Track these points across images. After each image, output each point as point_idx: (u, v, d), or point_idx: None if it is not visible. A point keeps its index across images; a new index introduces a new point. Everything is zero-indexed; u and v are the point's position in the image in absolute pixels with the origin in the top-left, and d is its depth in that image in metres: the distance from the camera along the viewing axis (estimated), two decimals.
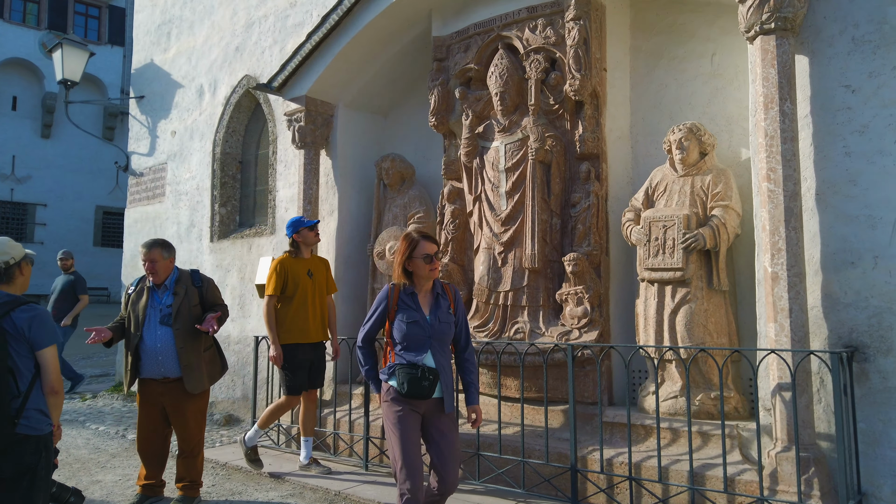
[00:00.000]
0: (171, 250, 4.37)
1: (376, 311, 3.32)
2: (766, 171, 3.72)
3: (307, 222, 5.08)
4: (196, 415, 4.42)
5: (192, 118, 8.40)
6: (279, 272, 4.94)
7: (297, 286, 4.95)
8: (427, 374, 3.12)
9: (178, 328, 4.24)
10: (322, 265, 5.22)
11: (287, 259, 5.02)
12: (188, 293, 4.33)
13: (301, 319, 4.97)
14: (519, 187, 5.17)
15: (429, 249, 3.23)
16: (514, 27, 5.30)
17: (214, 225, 7.88)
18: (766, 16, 3.73)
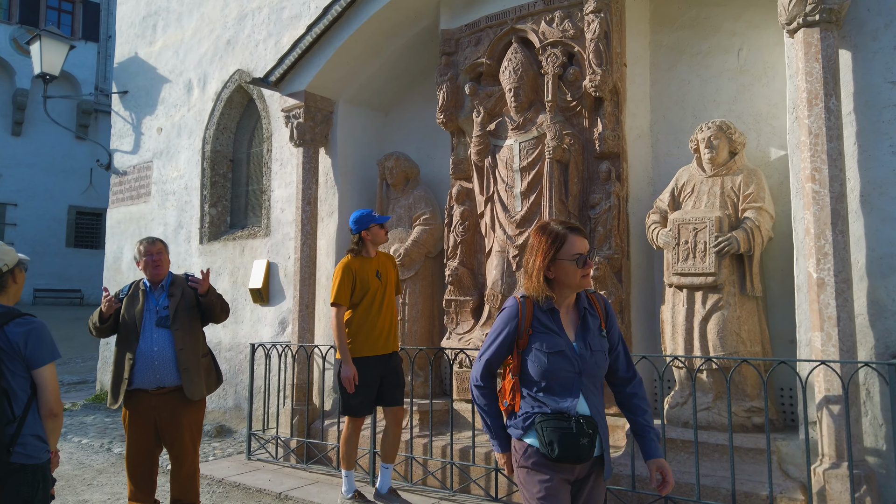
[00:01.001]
0: (168, 248, 4.12)
1: (500, 335, 2.28)
2: (811, 171, 3.52)
3: (378, 218, 4.43)
4: (193, 428, 4.09)
5: (180, 114, 8.03)
6: (346, 276, 4.28)
7: (367, 290, 4.32)
8: (585, 428, 2.16)
9: (178, 329, 3.94)
10: (390, 263, 4.55)
11: (353, 260, 4.35)
12: (185, 294, 4.04)
13: (369, 328, 4.31)
14: (535, 188, 4.93)
15: (581, 247, 2.23)
16: (528, 20, 5.06)
17: (204, 226, 7.52)
18: (809, 7, 3.53)
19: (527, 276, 2.27)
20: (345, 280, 4.26)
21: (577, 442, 2.13)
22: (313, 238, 6.05)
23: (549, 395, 2.20)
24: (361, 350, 4.29)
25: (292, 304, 6.13)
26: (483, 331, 5.08)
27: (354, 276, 4.30)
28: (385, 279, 4.41)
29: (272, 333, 6.71)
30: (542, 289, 2.22)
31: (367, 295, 4.31)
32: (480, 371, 2.31)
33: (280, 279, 6.69)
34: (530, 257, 2.26)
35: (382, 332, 4.35)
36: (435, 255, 5.79)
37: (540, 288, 2.22)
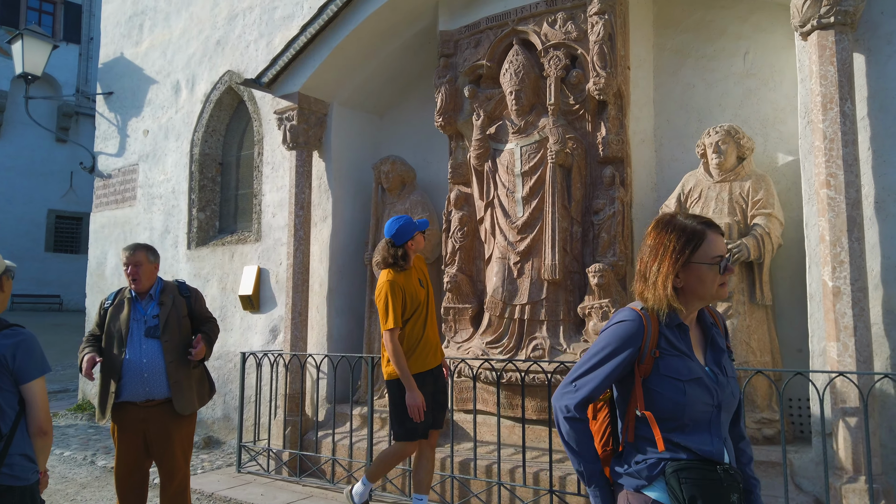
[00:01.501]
0: (156, 255, 3.88)
1: (616, 357, 1.75)
2: (826, 176, 3.44)
3: (420, 224, 4.00)
4: (183, 442, 3.90)
5: (168, 116, 7.83)
6: (398, 296, 3.84)
7: (417, 305, 3.94)
8: (735, 480, 1.67)
9: (168, 340, 3.75)
10: (422, 263, 4.21)
11: (398, 276, 3.90)
12: (176, 303, 3.85)
13: (422, 341, 3.95)
14: (537, 192, 4.81)
15: (722, 248, 1.76)
16: (530, 21, 4.95)
17: (192, 231, 7.32)
18: (824, 9, 3.46)
19: (646, 283, 1.77)
20: (397, 300, 3.83)
21: (726, 499, 1.62)
22: (306, 244, 5.89)
23: (684, 434, 1.68)
24: (416, 366, 3.90)
25: (284, 311, 5.96)
26: (483, 339, 4.95)
27: (404, 294, 3.88)
28: (427, 285, 4.09)
29: (263, 341, 6.52)
30: (671, 299, 1.73)
31: (416, 307, 3.93)
32: (578, 400, 1.76)
33: (271, 286, 6.51)
34: (651, 260, 1.77)
35: (432, 343, 4.01)
36: (432, 262, 5.65)
37: (667, 299, 1.72)
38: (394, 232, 3.94)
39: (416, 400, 3.78)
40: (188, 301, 3.91)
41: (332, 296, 6.01)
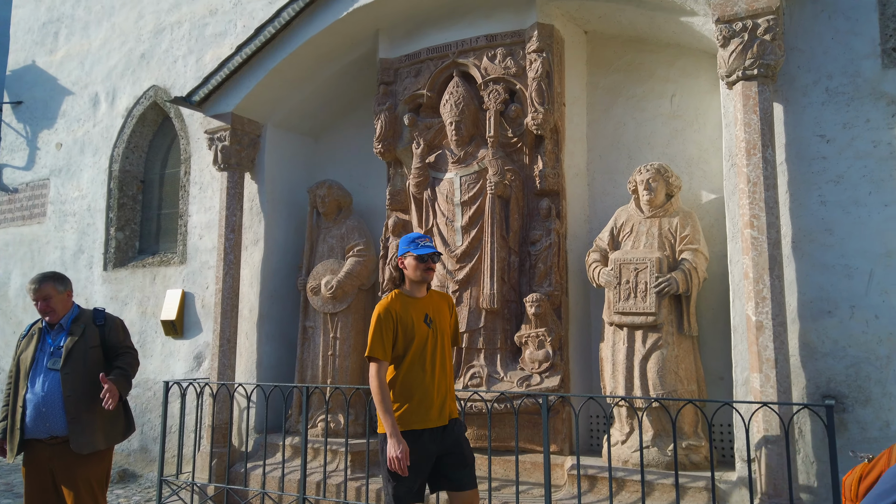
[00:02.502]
0: (65, 283, 3.63)
1: None
2: (749, 217, 3.67)
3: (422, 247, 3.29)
4: (92, 482, 3.52)
5: (84, 129, 7.42)
6: (384, 321, 3.18)
7: (412, 340, 3.22)
8: None
9: (67, 372, 3.46)
10: (445, 305, 3.44)
11: (394, 300, 3.25)
12: (86, 333, 3.58)
13: (420, 392, 3.20)
14: (476, 222, 4.88)
15: None
16: (471, 55, 5.05)
17: (109, 251, 6.94)
18: (749, 62, 3.71)
19: None
20: (381, 326, 3.18)
21: None
22: (237, 267, 5.70)
23: None
24: (409, 421, 3.17)
25: (211, 337, 5.74)
26: None
27: (395, 322, 3.21)
28: (438, 326, 3.32)
29: (186, 368, 6.24)
30: None
31: (412, 346, 3.21)
32: None
33: (196, 310, 6.26)
34: None
35: (435, 397, 3.24)
36: (368, 288, 5.61)
37: None
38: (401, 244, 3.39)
39: (396, 450, 3.04)
40: (101, 330, 3.66)
41: (263, 322, 5.84)
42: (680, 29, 4.43)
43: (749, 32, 3.71)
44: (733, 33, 3.75)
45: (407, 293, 3.32)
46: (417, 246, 3.28)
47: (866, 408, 3.56)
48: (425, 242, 3.30)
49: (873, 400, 3.55)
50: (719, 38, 3.79)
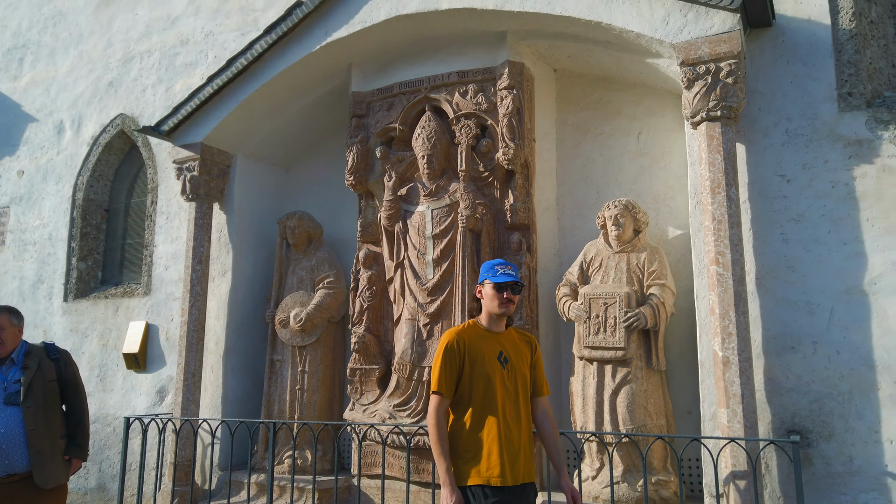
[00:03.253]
0: (20, 318, 3.63)
1: None
2: (715, 254, 3.75)
3: (500, 274, 2.92)
4: None
5: (48, 157, 7.27)
6: (450, 352, 2.84)
7: (481, 378, 2.82)
8: None
9: (30, 407, 3.46)
10: (526, 347, 3.03)
11: (465, 330, 2.93)
12: (42, 367, 3.58)
13: (487, 439, 2.78)
14: (447, 255, 4.89)
15: None
16: (443, 90, 5.11)
17: (70, 282, 6.76)
18: (712, 103, 3.83)
19: None
20: (447, 356, 2.83)
21: None
22: (203, 299, 5.60)
23: None
24: (470, 475, 2.76)
25: (175, 371, 5.60)
26: (390, 401, 4.88)
27: (463, 353, 2.84)
28: (515, 368, 2.89)
29: (148, 403, 6.07)
30: None
31: (481, 385, 2.81)
32: None
33: (161, 343, 6.11)
34: None
35: (506, 451, 2.77)
36: (338, 321, 5.56)
37: None
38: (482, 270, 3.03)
39: (448, 501, 2.70)
40: (57, 364, 3.65)
41: (229, 355, 5.73)
42: (646, 70, 4.56)
43: (712, 75, 3.84)
44: (697, 76, 3.88)
45: (482, 325, 2.96)
46: (496, 273, 2.93)
47: (830, 443, 3.63)
48: (505, 270, 2.93)
49: (837, 435, 3.62)
50: (684, 80, 3.91)
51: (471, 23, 4.80)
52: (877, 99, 3.84)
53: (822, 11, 3.95)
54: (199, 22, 6.52)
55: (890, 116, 3.71)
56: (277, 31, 5.22)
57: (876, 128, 3.73)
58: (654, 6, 4.00)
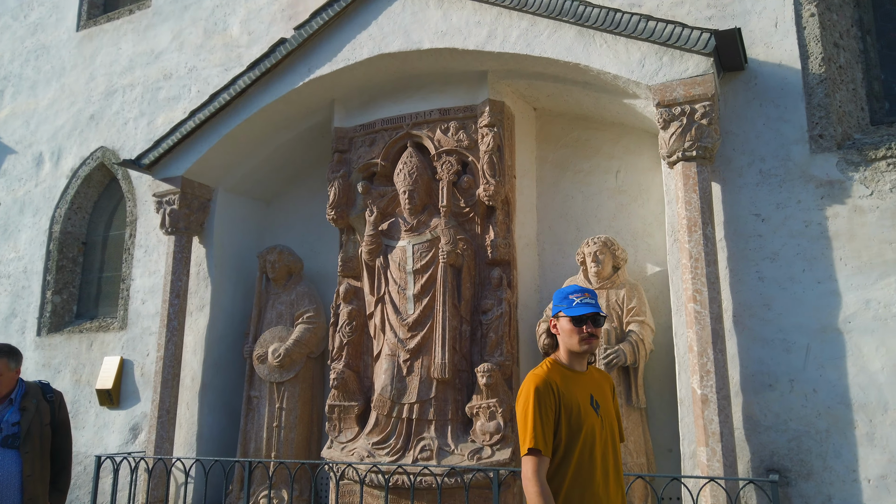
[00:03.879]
0: (18, 360, 3.54)
1: None
2: (692, 292, 3.79)
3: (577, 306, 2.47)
4: None
5: (25, 189, 7.20)
6: (544, 399, 2.36)
7: (579, 428, 2.38)
8: None
9: (28, 452, 3.40)
10: (607, 386, 2.67)
11: (552, 371, 2.47)
12: (39, 409, 3.50)
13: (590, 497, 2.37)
14: (428, 291, 4.88)
15: None
16: (424, 127, 5.16)
17: (44, 316, 6.64)
18: (688, 144, 3.91)
19: None
20: (541, 405, 2.34)
21: None
22: (180, 334, 5.53)
23: None
24: None
25: (150, 407, 5.49)
26: (369, 439, 4.81)
27: (558, 400, 2.38)
28: (605, 415, 2.50)
29: (121, 441, 5.92)
30: None
31: (579, 439, 2.37)
32: None
33: (135, 379, 6.00)
34: None
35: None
36: (317, 356, 5.50)
37: None
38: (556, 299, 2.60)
39: None
40: (52, 406, 3.57)
41: (205, 391, 5.63)
42: (623, 110, 4.65)
43: (687, 117, 3.92)
44: (673, 117, 3.96)
45: (564, 364, 2.51)
46: (571, 304, 2.48)
47: (808, 482, 3.63)
48: (583, 299, 2.48)
49: (815, 474, 3.62)
50: (660, 121, 3.99)
51: (452, 62, 4.88)
52: (847, 141, 3.94)
53: (792, 56, 4.07)
54: (183, 57, 6.56)
55: (860, 158, 3.81)
56: (261, 67, 5.26)
57: (847, 169, 3.82)
58: (630, 49, 4.10)
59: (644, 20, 4.01)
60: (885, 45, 4.27)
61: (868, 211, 3.73)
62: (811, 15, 4.09)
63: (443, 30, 4.75)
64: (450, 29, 4.72)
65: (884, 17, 4.31)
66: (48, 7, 7.71)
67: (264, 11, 6.27)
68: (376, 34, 4.97)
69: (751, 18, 4.24)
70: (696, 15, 4.43)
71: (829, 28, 4.11)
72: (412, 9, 4.89)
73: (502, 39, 4.53)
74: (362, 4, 5.09)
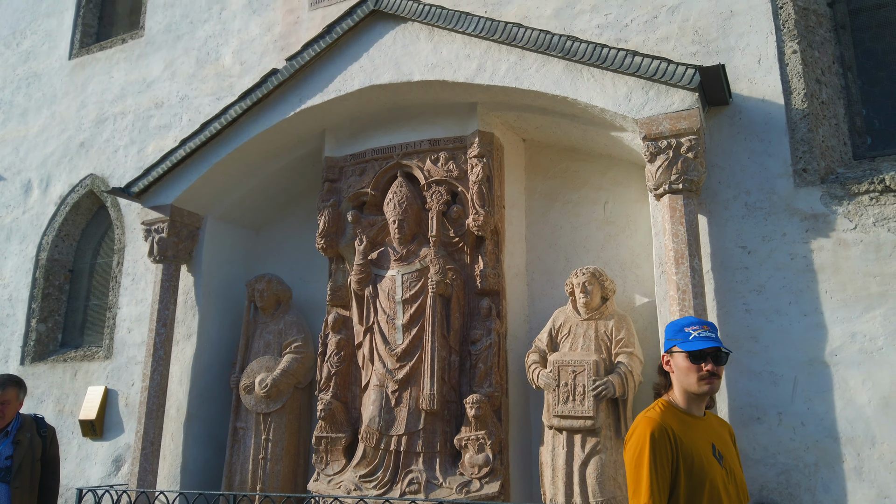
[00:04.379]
0: (24, 390, 3.54)
1: None
2: None
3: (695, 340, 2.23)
4: None
5: (13, 216, 7.16)
6: (660, 447, 2.10)
7: (702, 481, 2.10)
8: None
9: (17, 487, 3.36)
10: (726, 433, 2.42)
11: (666, 415, 2.21)
12: (32, 443, 3.47)
13: None
14: (417, 320, 4.87)
15: None
16: (414, 157, 5.20)
17: (29, 344, 6.56)
18: (674, 177, 3.96)
19: None
20: (655, 454, 2.08)
21: None
22: (166, 364, 5.47)
23: None
24: None
25: (133, 439, 5.41)
26: (356, 472, 4.75)
27: (675, 449, 2.11)
28: (729, 468, 2.22)
29: (103, 473, 5.81)
30: None
31: (702, 492, 2.09)
32: None
33: (119, 409, 5.91)
34: None
35: None
36: (304, 386, 5.45)
37: None
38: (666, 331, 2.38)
39: None
40: (44, 441, 3.55)
41: (191, 422, 5.55)
42: (611, 142, 4.70)
43: (673, 150, 3.97)
44: (659, 150, 4.01)
45: (681, 408, 2.23)
46: (688, 338, 2.22)
47: None
48: (701, 332, 2.22)
49: None
50: (646, 154, 4.04)
51: (442, 94, 4.94)
52: (830, 175, 4.00)
53: (775, 92, 4.15)
54: (175, 86, 6.60)
55: (843, 192, 3.86)
56: (252, 96, 5.30)
57: (830, 203, 3.87)
58: (616, 83, 4.16)
59: (630, 55, 4.08)
60: (866, 82, 4.36)
61: (852, 244, 3.77)
62: (793, 52, 4.18)
63: (433, 62, 4.81)
64: (440, 62, 4.78)
65: (864, 54, 4.42)
66: (41, 35, 7.76)
67: (257, 42, 6.34)
68: (367, 66, 5.03)
69: (734, 55, 4.33)
70: (681, 51, 4.52)
71: (810, 65, 4.20)
72: (403, 42, 4.96)
73: (491, 72, 4.59)
74: (354, 37, 5.16)
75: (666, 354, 2.31)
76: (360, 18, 5.05)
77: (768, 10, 4.30)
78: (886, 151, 4.14)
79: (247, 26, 6.42)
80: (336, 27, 5.11)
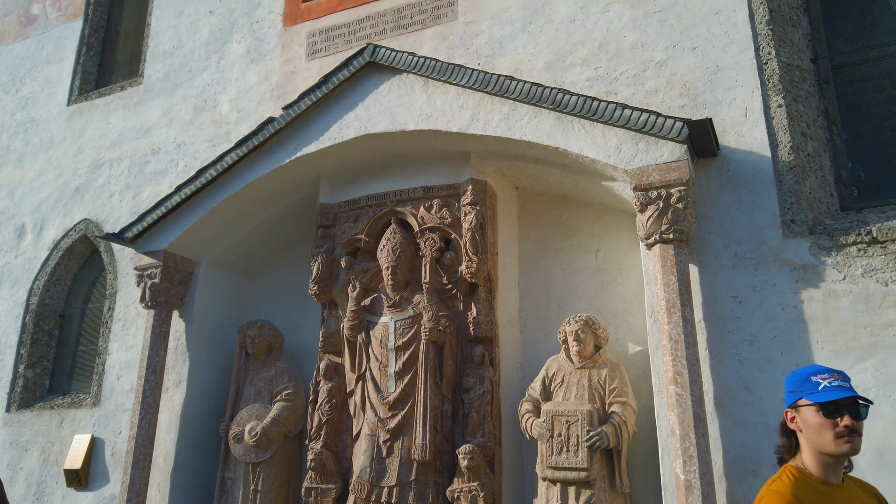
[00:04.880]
0: None
1: None
2: (673, 374, 3.79)
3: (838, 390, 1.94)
4: None
5: (5, 261, 7.14)
6: None
7: None
8: None
9: None
10: (873, 501, 2.10)
11: (799, 487, 1.93)
12: None
13: None
14: (410, 368, 4.84)
15: None
16: (408, 204, 5.24)
17: (15, 391, 6.45)
18: (665, 227, 4.00)
19: None
20: None
21: None
22: (154, 412, 5.38)
23: None
24: None
25: (119, 489, 5.29)
26: None
27: None
28: None
29: None
30: None
31: None
32: None
33: (106, 458, 5.79)
34: None
35: None
36: (295, 435, 5.37)
37: None
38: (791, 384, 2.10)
39: None
40: None
41: (178, 472, 5.44)
42: (602, 191, 4.77)
43: (664, 200, 4.03)
44: (649, 200, 4.06)
45: (814, 475, 1.93)
46: (817, 387, 1.92)
47: None
48: (832, 380, 1.93)
49: None
50: (637, 204, 4.09)
51: (436, 143, 5.01)
52: (818, 226, 4.05)
53: (762, 144, 4.24)
54: (172, 132, 6.68)
55: (831, 243, 3.91)
56: (249, 144, 5.36)
57: (819, 254, 3.92)
58: (607, 135, 4.24)
59: (620, 108, 4.17)
60: (851, 135, 4.46)
61: (842, 295, 3.80)
62: (779, 106, 4.29)
63: (427, 112, 4.90)
64: (434, 112, 4.87)
65: (848, 108, 4.53)
66: (40, 82, 7.87)
67: (254, 91, 6.45)
68: (363, 115, 5.12)
69: (721, 108, 4.43)
70: (669, 103, 4.62)
71: (796, 118, 4.30)
72: (398, 92, 5.06)
73: (484, 123, 4.68)
74: (350, 86, 5.26)
75: (790, 410, 2.02)
76: (356, 69, 5.16)
77: (753, 65, 4.42)
78: (873, 203, 4.21)
79: (244, 75, 6.54)
80: (332, 77, 5.21)
